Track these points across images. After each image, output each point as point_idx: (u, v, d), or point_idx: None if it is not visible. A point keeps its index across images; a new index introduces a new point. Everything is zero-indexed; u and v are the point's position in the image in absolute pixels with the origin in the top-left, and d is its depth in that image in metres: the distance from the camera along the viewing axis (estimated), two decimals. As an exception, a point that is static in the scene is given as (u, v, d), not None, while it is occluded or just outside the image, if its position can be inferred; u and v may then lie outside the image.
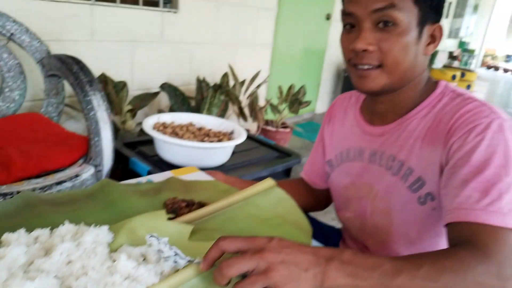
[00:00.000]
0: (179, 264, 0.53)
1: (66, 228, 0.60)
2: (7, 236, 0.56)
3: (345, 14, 0.71)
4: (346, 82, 4.18)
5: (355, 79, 0.73)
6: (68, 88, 1.64)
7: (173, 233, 0.64)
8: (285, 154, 1.74)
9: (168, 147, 1.37)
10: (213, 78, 2.67)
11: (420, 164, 0.71)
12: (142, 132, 2.01)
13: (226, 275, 0.46)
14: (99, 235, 0.58)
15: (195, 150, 1.37)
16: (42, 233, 0.59)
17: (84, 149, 1.30)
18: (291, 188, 0.95)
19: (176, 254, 0.54)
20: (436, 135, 0.70)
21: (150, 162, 1.46)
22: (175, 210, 0.73)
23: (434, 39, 0.72)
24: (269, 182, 0.82)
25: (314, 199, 1.01)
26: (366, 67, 0.70)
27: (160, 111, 2.26)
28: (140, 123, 2.08)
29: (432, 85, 0.76)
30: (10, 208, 0.67)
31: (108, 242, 0.58)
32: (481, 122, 0.64)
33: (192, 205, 0.75)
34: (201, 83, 2.25)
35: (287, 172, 1.73)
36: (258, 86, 2.55)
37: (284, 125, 2.96)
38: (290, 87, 2.79)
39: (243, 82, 2.53)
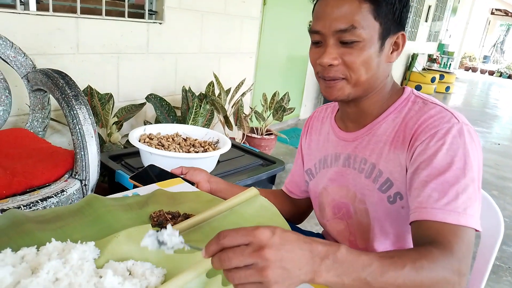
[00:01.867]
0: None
1: (53, 245, 0.61)
2: (-8, 256, 0.57)
3: (312, 32, 0.77)
4: (330, 87, 4.23)
5: (323, 89, 0.80)
6: (53, 102, 1.64)
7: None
8: (270, 162, 1.77)
9: (154, 159, 1.39)
10: (199, 87, 2.69)
11: (388, 167, 0.77)
12: (128, 144, 2.01)
13: (224, 266, 0.47)
14: (85, 251, 0.59)
15: (181, 161, 1.39)
16: (28, 252, 0.60)
17: (70, 163, 1.30)
18: (272, 198, 1.01)
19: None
20: (402, 140, 0.76)
21: (136, 174, 1.47)
22: (160, 223, 0.74)
23: (398, 46, 0.78)
24: (252, 191, 0.84)
25: (294, 208, 1.05)
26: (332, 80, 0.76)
27: (146, 122, 2.26)
28: (126, 135, 2.09)
29: (398, 90, 0.83)
30: (-5, 228, 0.68)
31: (94, 258, 0.60)
32: (443, 127, 0.70)
33: (177, 217, 0.77)
34: (186, 93, 2.27)
35: (271, 179, 1.75)
36: (243, 94, 2.58)
37: (269, 132, 2.99)
38: (274, 94, 2.82)
39: (228, 91, 2.56)
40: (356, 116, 0.84)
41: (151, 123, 2.27)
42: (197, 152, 1.49)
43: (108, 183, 1.60)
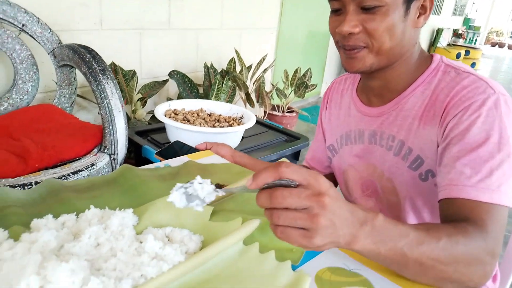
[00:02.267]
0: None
1: (92, 212, 0.62)
2: (36, 222, 0.58)
3: None
4: (352, 64, 4.14)
5: (343, 60, 0.74)
6: (79, 78, 1.65)
7: (194, 214, 0.66)
8: (294, 138, 1.75)
9: (180, 134, 1.39)
10: (220, 64, 2.66)
11: (418, 143, 0.72)
12: (152, 120, 2.03)
13: (274, 204, 0.43)
14: (124, 218, 0.59)
15: (206, 136, 1.39)
16: (68, 218, 0.61)
17: (99, 138, 1.32)
18: None
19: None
20: (432, 114, 0.70)
21: (162, 149, 1.48)
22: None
23: (425, 10, 0.70)
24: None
25: None
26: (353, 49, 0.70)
27: (169, 99, 2.27)
28: (150, 112, 2.10)
29: (426, 59, 0.76)
30: (34, 196, 0.70)
31: (133, 224, 0.60)
32: (477, 99, 0.65)
33: (210, 188, 0.77)
34: (208, 70, 2.25)
35: (295, 155, 1.74)
36: (265, 70, 2.55)
37: (290, 110, 2.96)
38: (296, 71, 2.78)
39: (249, 67, 2.53)
40: (380, 90, 0.78)
41: (173, 99, 2.27)
42: (222, 127, 1.48)
43: (134, 159, 1.62)
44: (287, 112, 2.88)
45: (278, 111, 2.88)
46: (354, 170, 0.87)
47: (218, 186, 0.77)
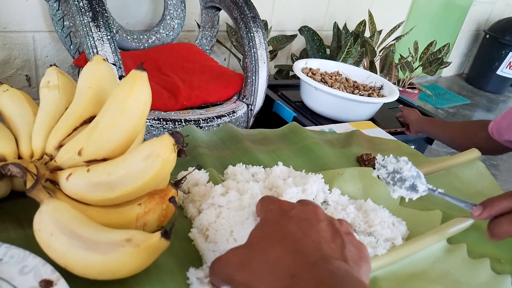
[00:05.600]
0: (418, 188, 0.51)
1: (280, 169, 0.59)
2: (232, 169, 0.57)
3: None
4: (483, 45, 3.65)
5: None
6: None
7: (382, 194, 0.60)
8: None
9: (318, 95, 1.32)
10: (347, 25, 2.49)
11: None
12: (278, 75, 1.99)
13: None
14: (320, 183, 0.55)
15: (345, 102, 1.30)
16: (258, 171, 0.58)
17: (239, 86, 1.30)
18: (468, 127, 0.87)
19: (417, 176, 0.51)
20: None
21: (293, 108, 1.44)
22: (372, 168, 0.68)
23: None
24: (474, 153, 0.73)
25: (491, 147, 0.91)
26: None
27: (292, 55, 2.20)
28: (275, 67, 2.06)
29: None
30: (215, 138, 0.69)
31: (324, 191, 0.56)
32: None
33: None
34: (339, 30, 2.11)
35: (429, 138, 1.58)
36: (397, 38, 2.33)
37: (411, 86, 2.71)
38: (430, 44, 2.51)
39: (379, 33, 2.33)
40: None
41: (296, 57, 2.20)
42: (362, 95, 1.38)
43: (260, 113, 1.60)
44: (408, 88, 2.65)
45: (398, 85, 2.66)
46: None
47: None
